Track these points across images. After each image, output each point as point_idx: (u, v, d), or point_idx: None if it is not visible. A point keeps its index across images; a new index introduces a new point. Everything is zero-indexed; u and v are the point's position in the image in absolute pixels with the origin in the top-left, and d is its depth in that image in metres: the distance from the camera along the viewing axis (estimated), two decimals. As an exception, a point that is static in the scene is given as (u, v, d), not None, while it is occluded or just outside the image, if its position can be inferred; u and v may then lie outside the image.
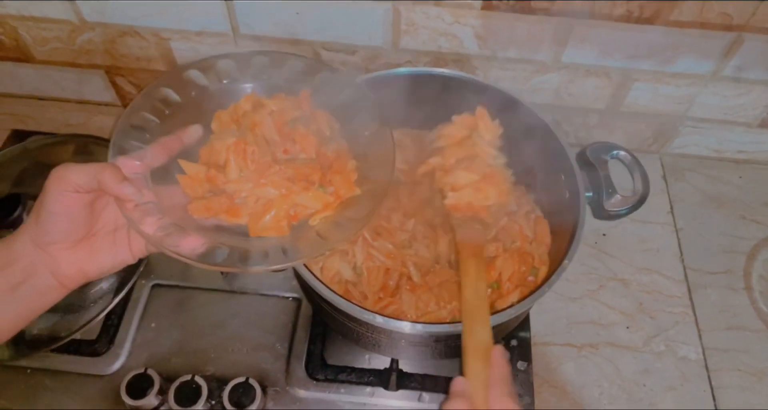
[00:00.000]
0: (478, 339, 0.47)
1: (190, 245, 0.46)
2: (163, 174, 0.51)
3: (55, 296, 0.46)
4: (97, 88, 0.86)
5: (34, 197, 0.68)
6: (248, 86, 0.59)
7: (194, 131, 0.53)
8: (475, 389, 0.44)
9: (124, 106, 0.89)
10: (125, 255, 0.48)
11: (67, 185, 0.43)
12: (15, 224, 0.66)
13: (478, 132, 0.61)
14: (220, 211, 0.50)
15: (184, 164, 0.52)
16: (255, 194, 0.51)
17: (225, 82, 0.59)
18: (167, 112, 0.55)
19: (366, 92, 0.58)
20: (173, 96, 0.56)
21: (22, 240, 0.45)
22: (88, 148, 0.76)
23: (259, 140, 0.53)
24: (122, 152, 0.49)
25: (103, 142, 0.76)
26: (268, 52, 0.60)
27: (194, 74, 0.57)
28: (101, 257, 0.47)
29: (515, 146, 0.70)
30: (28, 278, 0.44)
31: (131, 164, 0.48)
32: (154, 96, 0.55)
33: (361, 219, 0.50)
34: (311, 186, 0.52)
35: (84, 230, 0.46)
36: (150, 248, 0.48)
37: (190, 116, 0.55)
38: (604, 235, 0.80)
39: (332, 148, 0.55)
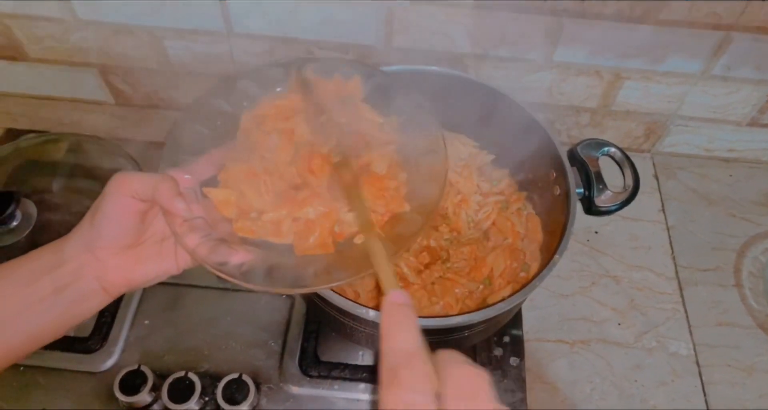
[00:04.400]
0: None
1: (236, 262, 0.45)
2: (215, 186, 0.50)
3: (97, 303, 0.46)
4: (91, 86, 0.86)
5: (27, 195, 0.69)
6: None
7: None
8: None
9: (118, 104, 0.89)
10: (170, 266, 0.48)
11: (126, 190, 0.43)
12: (7, 222, 0.66)
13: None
14: (265, 233, 0.49)
15: (208, 191, 0.49)
16: (292, 216, 0.49)
17: (277, 90, 0.56)
18: (219, 123, 0.53)
19: (420, 98, 0.54)
20: (225, 107, 0.54)
21: (73, 243, 0.44)
22: (82, 146, 0.76)
23: (269, 167, 0.50)
24: (173, 164, 0.48)
25: (96, 140, 0.76)
26: (318, 59, 0.58)
27: (245, 84, 0.55)
28: (147, 266, 0.47)
29: (507, 143, 0.71)
30: (75, 281, 0.44)
31: (181, 178, 0.47)
32: (206, 107, 0.53)
33: (409, 237, 0.47)
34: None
35: (134, 238, 0.46)
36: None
37: None
38: (596, 233, 0.81)
39: (384, 163, 0.51)
